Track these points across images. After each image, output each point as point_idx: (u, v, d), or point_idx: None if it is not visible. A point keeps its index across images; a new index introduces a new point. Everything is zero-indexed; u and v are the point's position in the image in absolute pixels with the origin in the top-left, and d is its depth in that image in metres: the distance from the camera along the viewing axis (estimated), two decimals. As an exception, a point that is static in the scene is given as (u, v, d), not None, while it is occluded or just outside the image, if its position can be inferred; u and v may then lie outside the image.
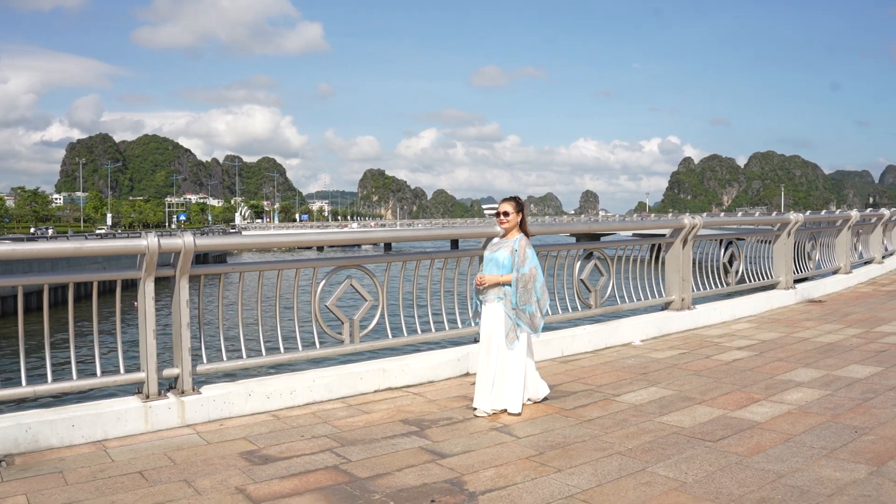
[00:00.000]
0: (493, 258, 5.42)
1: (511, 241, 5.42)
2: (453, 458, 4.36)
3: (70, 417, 4.86)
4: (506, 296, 5.32)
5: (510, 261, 5.32)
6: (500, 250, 5.41)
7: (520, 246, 5.33)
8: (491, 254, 5.46)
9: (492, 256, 5.44)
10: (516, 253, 5.31)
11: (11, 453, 4.62)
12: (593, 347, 7.68)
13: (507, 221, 5.48)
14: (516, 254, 5.31)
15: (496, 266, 5.37)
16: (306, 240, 7.13)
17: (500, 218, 5.51)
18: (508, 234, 5.51)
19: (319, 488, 3.92)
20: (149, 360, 5.16)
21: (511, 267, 5.32)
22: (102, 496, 3.88)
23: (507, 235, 5.52)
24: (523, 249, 5.33)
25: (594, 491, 3.81)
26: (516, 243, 5.36)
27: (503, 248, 5.41)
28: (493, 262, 5.41)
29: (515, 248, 5.33)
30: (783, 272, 10.89)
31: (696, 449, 4.44)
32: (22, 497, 3.89)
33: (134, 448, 4.70)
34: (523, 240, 5.39)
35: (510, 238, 5.46)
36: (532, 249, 5.41)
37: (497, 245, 5.51)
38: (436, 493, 3.81)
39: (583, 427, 4.96)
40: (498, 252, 5.41)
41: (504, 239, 5.52)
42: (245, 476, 4.13)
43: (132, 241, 5.02)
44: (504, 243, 5.46)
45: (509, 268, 5.32)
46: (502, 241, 5.52)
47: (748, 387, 5.94)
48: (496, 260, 5.39)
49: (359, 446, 4.62)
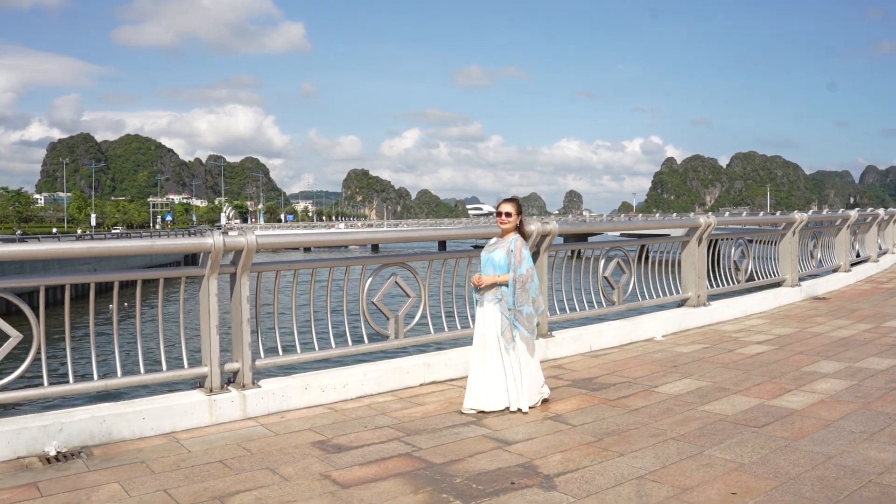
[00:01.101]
0: (489, 258, 5.44)
1: (507, 241, 5.44)
2: (518, 445, 4.60)
3: (141, 410, 5.04)
4: (503, 296, 5.35)
5: (506, 261, 5.35)
6: (497, 251, 5.43)
7: (516, 247, 5.36)
8: (487, 254, 5.48)
9: (488, 257, 5.46)
10: (512, 253, 5.33)
11: (88, 445, 4.80)
12: (619, 342, 7.96)
13: (509, 222, 5.49)
14: (512, 254, 5.33)
15: (492, 266, 5.40)
16: (357, 238, 7.37)
17: (502, 218, 5.51)
18: (506, 234, 5.53)
19: (400, 473, 4.14)
20: (212, 356, 5.35)
21: (507, 267, 5.34)
22: (193, 483, 4.08)
23: (504, 236, 5.54)
24: (519, 250, 5.35)
25: (661, 472, 4.07)
26: (512, 244, 5.38)
27: (499, 249, 5.43)
28: (489, 262, 5.43)
29: (511, 249, 5.35)
30: (789, 270, 11.24)
31: (744, 434, 4.72)
32: (115, 485, 4.08)
33: (205, 439, 4.90)
34: (519, 240, 5.42)
35: (506, 239, 5.48)
36: (528, 250, 5.45)
37: (493, 245, 5.53)
38: (513, 476, 4.05)
39: (632, 415, 5.22)
40: (494, 252, 5.43)
41: (501, 239, 5.54)
42: (325, 463, 4.34)
43: (199, 240, 5.20)
44: (500, 244, 5.48)
45: (505, 268, 5.35)
46: (499, 241, 5.54)
47: (777, 378, 6.23)
48: (492, 260, 5.41)
49: (424, 435, 4.85)
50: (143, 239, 5.28)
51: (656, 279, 8.85)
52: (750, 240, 10.76)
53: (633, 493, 3.78)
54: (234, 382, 5.52)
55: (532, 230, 6.99)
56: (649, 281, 8.72)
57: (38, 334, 4.90)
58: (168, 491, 3.96)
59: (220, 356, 5.40)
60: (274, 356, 5.76)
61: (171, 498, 3.86)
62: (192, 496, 3.88)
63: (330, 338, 6.03)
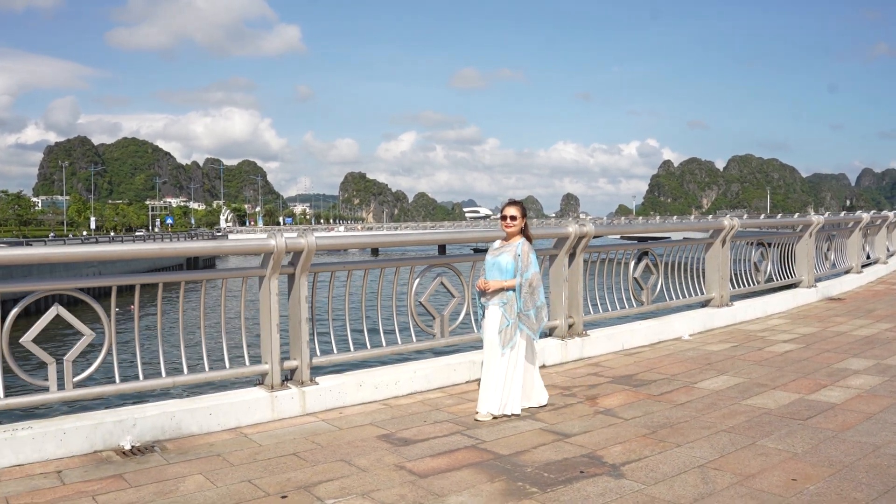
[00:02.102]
0: (495, 263, 5.40)
1: (513, 245, 5.40)
2: (577, 437, 4.81)
3: (208, 406, 5.24)
4: (509, 301, 5.31)
5: (513, 266, 5.30)
6: (503, 255, 5.39)
7: (523, 251, 5.32)
8: (493, 258, 5.44)
9: (494, 261, 5.41)
10: (519, 258, 5.29)
11: (159, 439, 4.99)
12: (649, 341, 8.17)
13: (514, 225, 5.45)
14: (519, 258, 5.29)
15: (499, 271, 5.36)
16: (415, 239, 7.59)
17: (507, 222, 5.46)
18: (511, 238, 5.50)
19: (472, 464, 4.34)
20: (273, 353, 5.55)
21: (514, 272, 5.31)
22: (274, 474, 4.27)
23: (510, 240, 5.50)
24: (526, 254, 5.32)
25: (720, 461, 4.28)
26: (519, 248, 5.34)
27: (505, 253, 5.39)
28: (495, 266, 5.39)
29: (518, 253, 5.31)
30: (806, 271, 11.48)
31: (791, 426, 4.93)
32: (199, 476, 4.27)
33: (272, 434, 5.09)
34: (526, 244, 5.38)
35: (512, 242, 5.44)
36: (534, 254, 5.44)
37: (499, 250, 5.48)
38: (580, 466, 4.26)
39: (678, 410, 5.43)
40: (500, 257, 5.39)
41: (506, 243, 5.50)
42: (396, 455, 4.54)
43: (262, 241, 5.40)
44: (506, 248, 5.43)
45: (512, 272, 5.31)
46: (504, 245, 5.49)
47: (810, 374, 6.45)
48: (498, 264, 5.37)
49: (483, 429, 5.05)
50: (211, 241, 5.48)
51: (677, 280, 9.07)
52: (769, 242, 10.98)
53: (699, 480, 3.99)
54: (293, 379, 5.72)
55: (570, 232, 7.21)
56: (670, 282, 8.94)
57: (109, 332, 5.08)
58: (252, 482, 4.15)
59: (281, 354, 5.60)
60: (329, 354, 5.96)
61: (258, 488, 4.05)
62: (277, 486, 4.07)
63: (381, 336, 6.23)
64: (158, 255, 5.12)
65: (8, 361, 4.72)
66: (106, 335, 5.08)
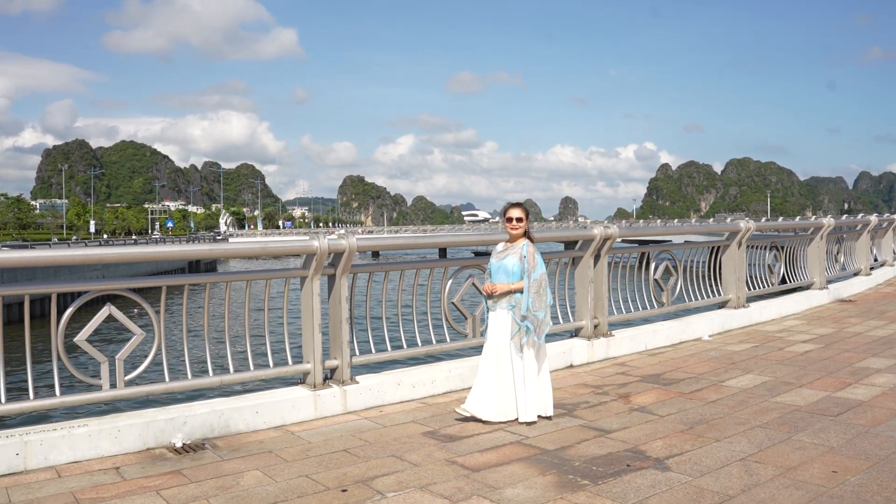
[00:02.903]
0: (501, 265, 5.36)
1: (518, 247, 5.36)
2: (617, 433, 4.96)
3: (254, 405, 5.38)
4: (517, 303, 5.26)
5: (519, 267, 5.28)
6: (509, 257, 5.35)
7: (528, 252, 5.29)
8: (499, 261, 5.39)
9: (500, 264, 5.37)
10: (525, 259, 5.26)
11: (208, 437, 5.13)
12: (671, 342, 8.33)
13: (520, 227, 5.39)
14: (525, 260, 5.26)
15: (505, 273, 5.32)
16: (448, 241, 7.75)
17: (513, 223, 5.39)
18: (515, 240, 5.45)
19: (520, 458, 4.49)
20: (315, 353, 5.69)
21: (521, 274, 5.27)
22: (329, 470, 4.41)
23: (513, 241, 5.46)
24: (532, 255, 5.29)
25: (760, 455, 4.43)
26: (524, 249, 5.31)
27: (511, 255, 5.35)
28: (501, 269, 5.35)
29: (524, 255, 5.28)
30: (817, 273, 11.65)
31: (823, 422, 5.09)
32: (256, 472, 4.41)
33: (318, 431, 5.23)
34: (531, 246, 5.35)
35: (516, 244, 5.39)
36: (540, 255, 5.41)
37: (504, 252, 5.43)
38: (626, 460, 4.41)
39: (711, 407, 5.58)
40: (506, 259, 5.35)
41: (510, 245, 5.44)
42: (445, 451, 4.69)
43: (306, 242, 5.54)
44: (511, 250, 5.38)
45: (518, 275, 5.27)
46: (508, 247, 5.43)
47: (834, 373, 6.61)
48: (504, 267, 5.33)
49: (525, 426, 5.19)
50: (259, 241, 5.63)
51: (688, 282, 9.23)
52: (782, 245, 11.14)
53: (743, 472, 4.14)
54: (333, 378, 5.86)
55: (595, 233, 7.38)
56: (688, 284, 9.10)
57: (158, 332, 5.23)
58: (309, 476, 4.29)
59: (324, 354, 5.74)
60: (367, 353, 6.10)
61: (316, 482, 4.19)
62: (334, 480, 4.21)
63: (416, 336, 6.38)
64: (208, 256, 5.26)
65: (63, 359, 4.87)
66: (155, 335, 5.23)
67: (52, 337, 4.84)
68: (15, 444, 4.52)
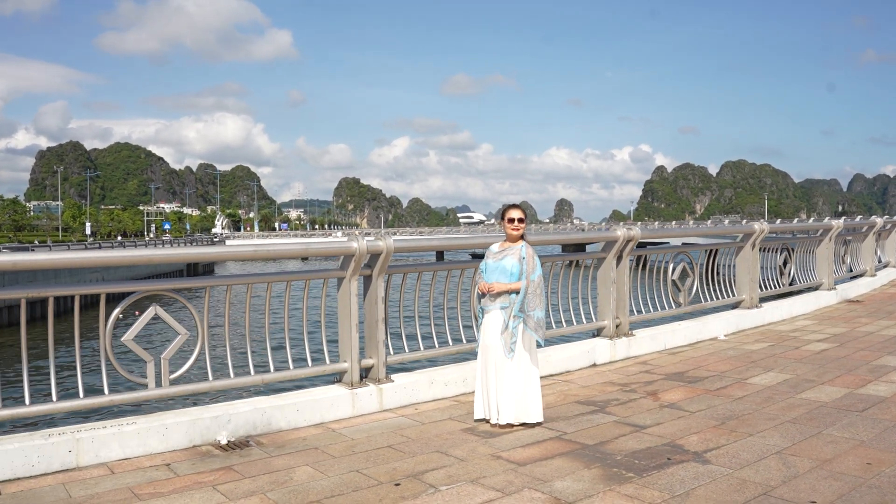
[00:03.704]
0: (499, 266, 5.36)
1: (517, 247, 5.38)
2: (652, 429, 5.10)
3: (295, 403, 5.51)
4: (511, 304, 5.27)
5: (518, 268, 5.29)
6: (507, 257, 5.36)
7: (528, 253, 5.32)
8: (496, 261, 5.40)
9: (497, 264, 5.38)
10: (524, 260, 5.28)
11: (251, 434, 5.26)
12: (688, 341, 8.49)
13: (521, 228, 5.43)
14: (524, 261, 5.28)
15: (504, 274, 5.32)
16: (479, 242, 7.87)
17: (515, 224, 5.41)
18: (514, 241, 5.45)
19: (563, 453, 4.63)
20: (352, 352, 5.82)
21: (519, 274, 5.28)
22: (378, 465, 4.54)
23: (510, 242, 5.47)
24: (531, 256, 5.32)
25: (794, 448, 4.58)
26: (523, 250, 5.33)
27: (510, 256, 5.35)
28: (499, 269, 5.35)
29: (523, 256, 5.30)
30: (826, 274, 11.83)
31: (850, 417, 5.24)
32: (307, 468, 4.53)
33: (359, 428, 5.36)
34: (529, 247, 5.39)
35: (515, 245, 5.41)
36: (538, 257, 5.46)
37: (501, 253, 5.43)
38: (666, 454, 4.55)
39: (738, 403, 5.73)
40: (504, 260, 5.36)
41: (508, 246, 5.44)
42: (488, 446, 4.82)
43: (345, 243, 5.68)
44: (509, 251, 5.39)
45: (517, 275, 5.28)
46: (506, 248, 5.44)
47: (853, 371, 6.77)
48: (503, 268, 5.33)
49: (561, 422, 5.34)
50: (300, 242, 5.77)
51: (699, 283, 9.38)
52: (792, 247, 11.32)
53: (781, 465, 4.28)
54: (369, 377, 5.99)
55: (618, 235, 7.53)
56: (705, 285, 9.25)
57: (202, 332, 5.35)
58: (360, 471, 4.42)
59: (360, 353, 5.88)
60: (400, 352, 6.23)
61: (368, 477, 4.32)
62: (386, 475, 4.34)
63: (447, 335, 6.52)
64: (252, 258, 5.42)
65: (111, 359, 4.99)
66: (199, 334, 5.34)
67: (100, 337, 4.96)
68: (67, 442, 4.64)
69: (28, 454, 4.50)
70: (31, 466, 4.49)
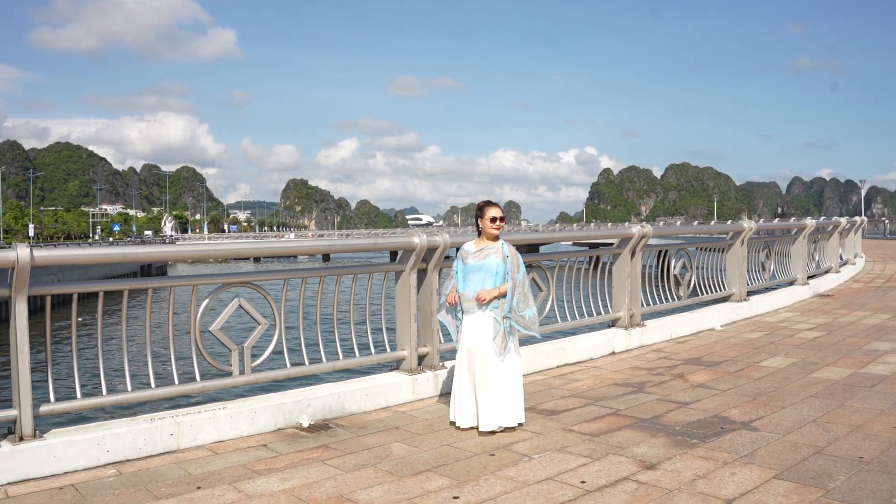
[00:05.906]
0: (482, 266, 5.19)
1: (497, 246, 5.24)
2: (695, 404, 5.70)
3: (364, 388, 5.92)
4: (499, 304, 5.17)
5: (503, 267, 5.18)
6: (490, 257, 5.20)
7: (511, 251, 5.22)
8: (477, 262, 5.22)
9: (479, 265, 5.20)
10: (508, 259, 5.19)
11: (328, 418, 5.65)
12: (691, 331, 9.18)
13: (502, 226, 5.32)
14: (508, 259, 5.18)
15: (488, 273, 5.17)
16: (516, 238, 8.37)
17: (497, 224, 5.25)
18: (493, 239, 5.31)
19: (627, 426, 5.18)
20: (411, 341, 6.26)
21: (504, 273, 5.18)
22: (464, 440, 4.99)
23: (488, 241, 5.30)
24: (514, 254, 5.23)
25: (826, 417, 5.24)
26: (505, 249, 5.22)
27: (492, 255, 5.20)
28: (482, 270, 5.19)
29: (507, 254, 5.19)
30: (800, 270, 12.75)
31: (864, 392, 5.94)
32: (399, 444, 4.94)
33: (425, 410, 5.81)
34: (509, 245, 5.30)
35: (494, 244, 5.27)
36: (519, 255, 5.36)
37: (482, 253, 5.25)
38: (717, 424, 5.15)
39: (760, 383, 6.39)
40: (487, 259, 5.20)
41: (487, 245, 5.28)
42: (556, 422, 5.33)
43: (407, 239, 6.11)
44: (489, 250, 5.24)
45: (503, 275, 5.17)
46: (485, 247, 5.27)
47: (849, 354, 7.53)
48: (486, 268, 5.18)
49: (610, 401, 5.89)
50: (367, 237, 6.17)
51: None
52: (771, 244, 12.18)
53: (821, 430, 4.92)
54: (424, 363, 6.43)
55: (634, 232, 8.15)
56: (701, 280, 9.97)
57: (279, 322, 5.71)
58: (451, 445, 4.87)
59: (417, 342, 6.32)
60: (450, 341, 6.69)
61: (461, 450, 4.77)
62: (477, 447, 4.80)
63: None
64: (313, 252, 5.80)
65: (200, 348, 5.32)
66: (277, 324, 5.71)
67: (191, 327, 5.29)
68: (169, 426, 4.96)
69: (136, 437, 4.81)
70: (138, 448, 4.80)
